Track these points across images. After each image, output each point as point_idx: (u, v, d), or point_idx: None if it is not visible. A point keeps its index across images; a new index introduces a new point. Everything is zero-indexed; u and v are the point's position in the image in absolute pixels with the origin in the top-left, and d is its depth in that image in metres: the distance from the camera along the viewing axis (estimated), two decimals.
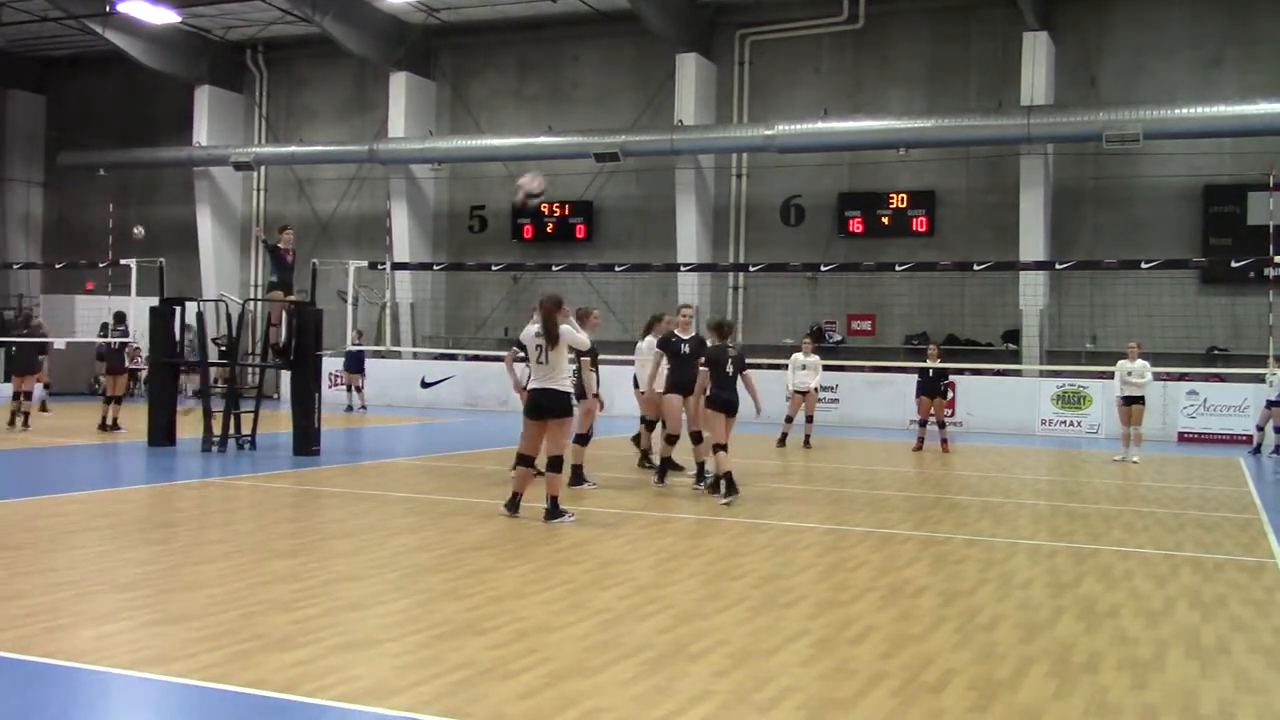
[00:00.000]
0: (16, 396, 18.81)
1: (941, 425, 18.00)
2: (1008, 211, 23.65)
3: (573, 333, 10.16)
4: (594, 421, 12.65)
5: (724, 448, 11.38)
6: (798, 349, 18.85)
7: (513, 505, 10.06)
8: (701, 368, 11.85)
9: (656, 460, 13.15)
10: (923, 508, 11.66)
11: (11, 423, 18.44)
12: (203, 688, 5.04)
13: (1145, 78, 23.08)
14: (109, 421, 18.37)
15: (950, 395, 18.24)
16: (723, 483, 11.25)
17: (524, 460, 10.25)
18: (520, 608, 6.64)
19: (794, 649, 5.91)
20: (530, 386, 10.29)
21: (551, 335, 9.90)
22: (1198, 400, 21.37)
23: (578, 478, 12.32)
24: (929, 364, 18.04)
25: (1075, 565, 8.53)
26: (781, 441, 18.04)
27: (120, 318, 19.44)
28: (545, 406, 9.95)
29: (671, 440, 12.71)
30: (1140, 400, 16.80)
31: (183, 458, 14.86)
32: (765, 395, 12.35)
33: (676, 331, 12.66)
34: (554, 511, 9.85)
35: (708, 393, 11.60)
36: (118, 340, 19.33)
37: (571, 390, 10.24)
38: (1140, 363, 16.83)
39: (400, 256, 27.06)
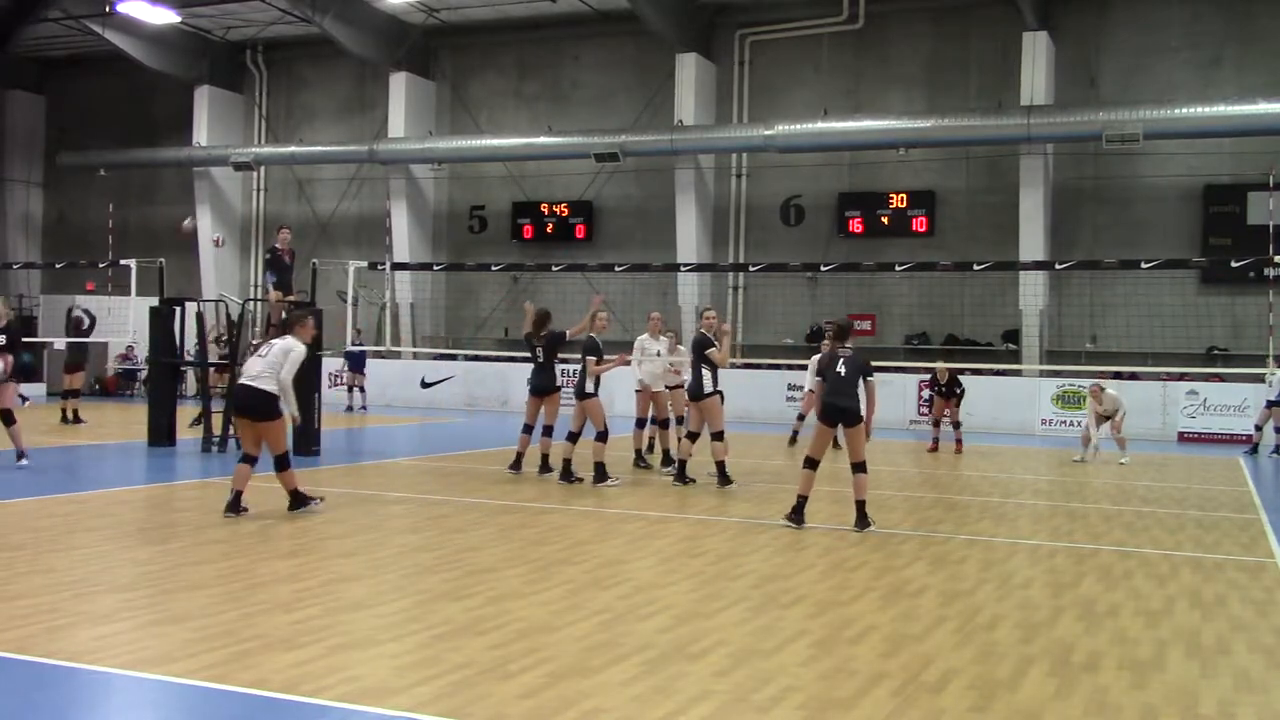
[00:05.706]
0: (65, 395, 20.10)
1: (956, 426, 18.02)
2: (1008, 211, 23.62)
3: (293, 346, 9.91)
4: (596, 418, 12.64)
5: (814, 463, 10.01)
6: (797, 349, 18.81)
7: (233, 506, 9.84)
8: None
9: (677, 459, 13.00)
10: (922, 508, 11.65)
11: (64, 418, 19.45)
12: (203, 688, 5.05)
13: (1145, 78, 23.07)
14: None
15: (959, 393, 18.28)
16: (858, 511, 9.95)
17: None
18: (520, 608, 6.64)
19: (794, 649, 5.91)
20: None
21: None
22: (1197, 400, 21.36)
23: (564, 472, 12.60)
24: (940, 380, 18.05)
25: (1075, 565, 8.53)
26: (793, 440, 18.03)
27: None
28: (240, 405, 10.10)
29: (692, 437, 12.66)
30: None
31: (183, 458, 14.86)
32: (765, 394, 12.29)
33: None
34: (297, 501, 10.03)
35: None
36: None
37: (275, 391, 9.78)
38: (1110, 394, 16.90)
39: (400, 256, 27.07)
